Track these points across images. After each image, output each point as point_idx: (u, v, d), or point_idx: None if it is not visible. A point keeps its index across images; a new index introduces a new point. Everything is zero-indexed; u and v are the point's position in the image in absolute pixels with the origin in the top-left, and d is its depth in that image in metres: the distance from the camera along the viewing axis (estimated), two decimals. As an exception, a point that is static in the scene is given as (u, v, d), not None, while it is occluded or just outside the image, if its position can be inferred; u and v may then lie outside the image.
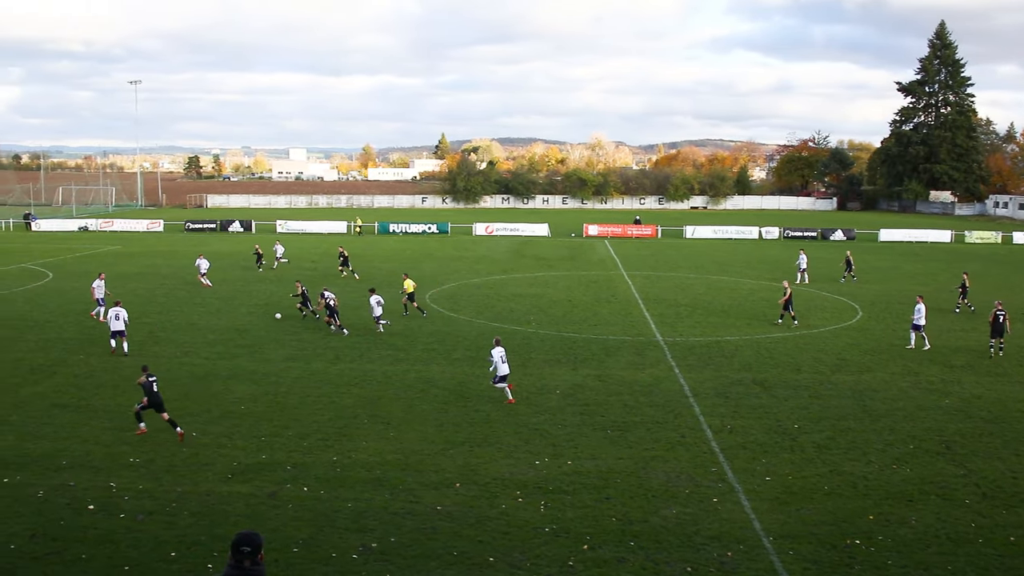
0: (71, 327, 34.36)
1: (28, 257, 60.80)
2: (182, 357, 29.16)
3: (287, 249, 59.05)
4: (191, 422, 21.79)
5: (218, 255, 62.08)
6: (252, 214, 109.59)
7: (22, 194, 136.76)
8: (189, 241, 75.52)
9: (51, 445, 20.11)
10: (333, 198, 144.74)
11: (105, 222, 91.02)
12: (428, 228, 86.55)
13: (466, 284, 47.65)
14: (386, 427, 21.56)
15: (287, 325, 34.74)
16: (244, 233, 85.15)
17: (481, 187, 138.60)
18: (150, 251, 66.18)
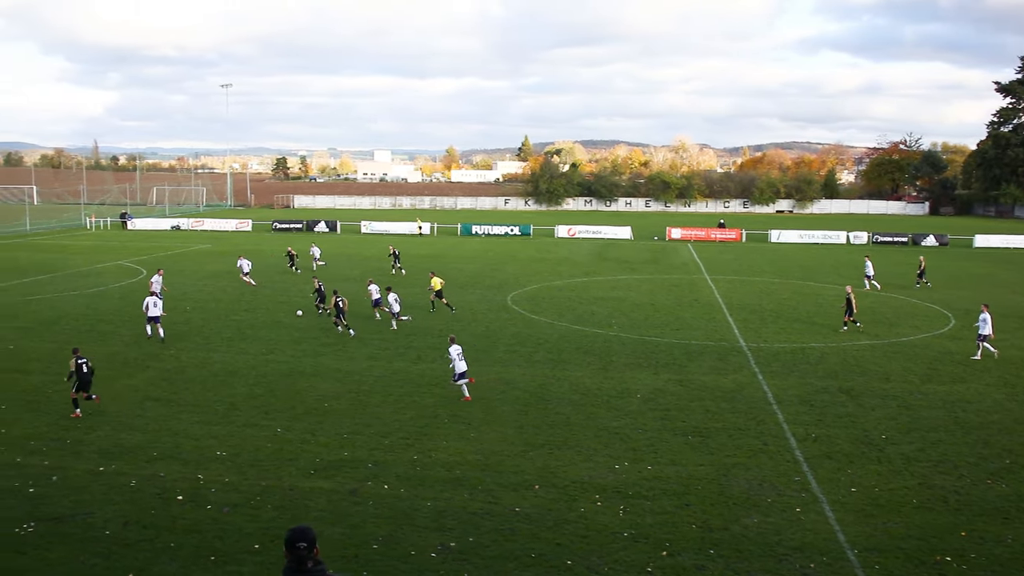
0: (163, 322, 35.45)
1: (123, 255, 63.09)
2: (267, 354, 29.88)
3: (323, 251, 58.92)
4: (276, 418, 22.33)
5: (304, 255, 63.42)
6: (337, 215, 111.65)
7: (119, 194, 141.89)
8: (276, 241, 77.29)
9: (143, 437, 20.84)
10: (417, 199, 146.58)
11: (196, 221, 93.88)
12: (510, 230, 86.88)
13: (548, 286, 47.69)
14: (466, 427, 21.72)
15: (368, 325, 35.28)
16: (329, 233, 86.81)
17: (564, 189, 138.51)
18: (238, 250, 67.81)
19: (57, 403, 23.60)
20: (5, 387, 25.26)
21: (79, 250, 66.44)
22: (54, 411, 22.86)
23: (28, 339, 32.07)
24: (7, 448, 19.92)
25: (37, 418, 22.27)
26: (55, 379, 26.19)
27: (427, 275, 51.42)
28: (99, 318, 36.44)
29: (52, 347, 30.77)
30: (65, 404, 23.26)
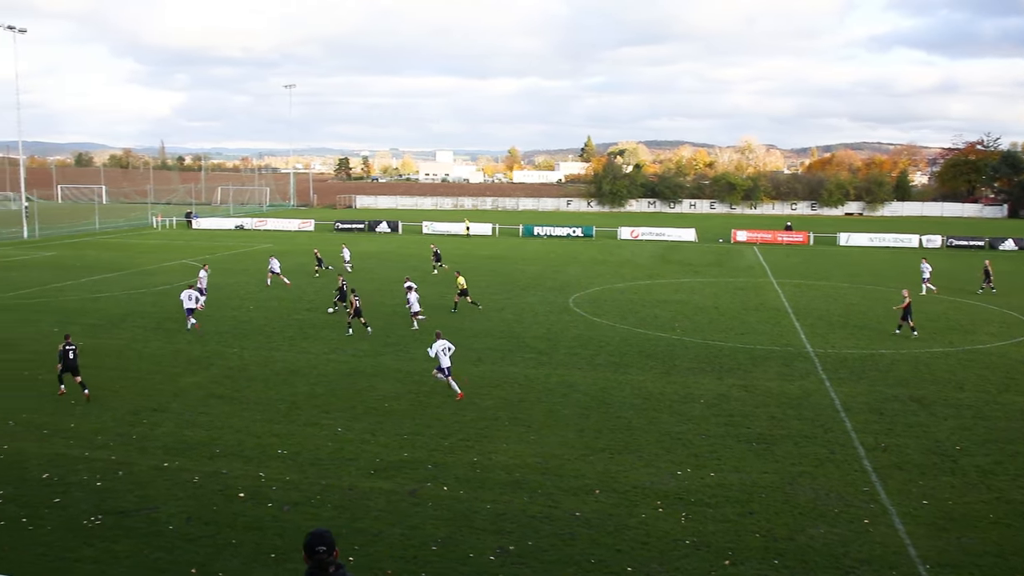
0: (226, 321, 36.21)
1: (188, 253, 64.50)
2: (329, 354, 30.25)
3: (352, 252, 58.91)
4: (337, 417, 22.60)
5: (365, 255, 64.15)
6: (399, 215, 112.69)
7: (184, 194, 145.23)
8: (338, 241, 78.31)
9: (206, 434, 21.26)
10: (478, 200, 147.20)
11: (259, 221, 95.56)
12: (572, 231, 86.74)
13: (610, 289, 47.50)
14: (527, 430, 21.72)
15: (431, 325, 35.49)
16: (391, 234, 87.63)
17: (627, 190, 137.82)
18: (300, 250, 68.91)
19: (124, 399, 24.23)
20: (75, 383, 25.96)
21: (145, 249, 68.12)
22: (121, 407, 23.46)
23: (97, 336, 32.96)
24: (76, 442, 20.50)
25: (104, 413, 22.88)
26: (123, 374, 26.90)
27: (488, 276, 51.72)
28: (165, 316, 37.30)
29: (120, 344, 31.58)
30: (132, 400, 23.96)
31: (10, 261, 58.98)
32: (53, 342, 31.56)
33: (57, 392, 24.67)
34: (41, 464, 19.00)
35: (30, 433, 21.18)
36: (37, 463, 19.06)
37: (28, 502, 16.83)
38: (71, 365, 24.51)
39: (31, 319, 36.56)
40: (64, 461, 19.21)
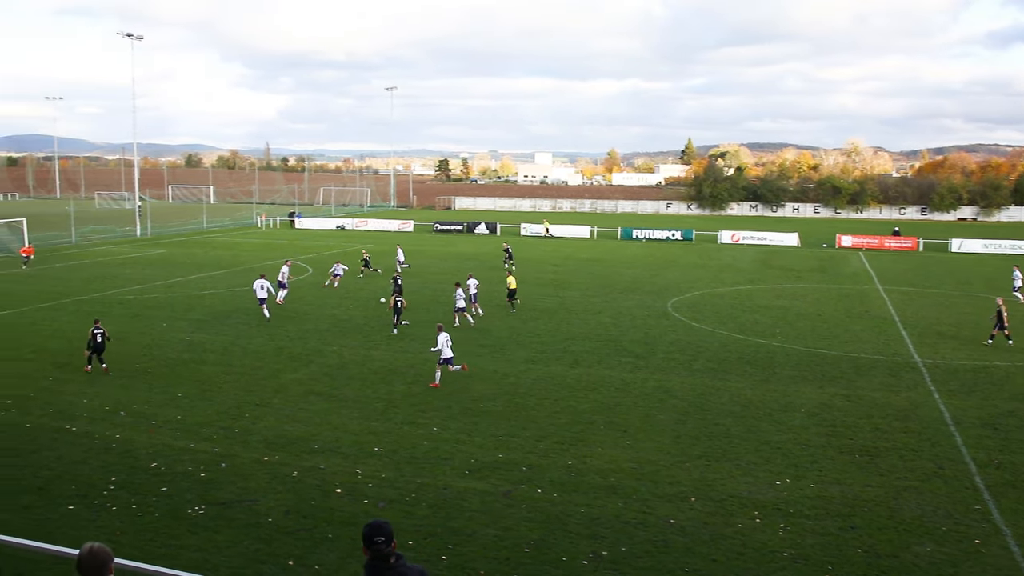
0: (327, 319, 37.07)
1: (292, 252, 66.23)
2: (426, 353, 30.61)
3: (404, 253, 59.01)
4: (432, 417, 22.90)
5: (464, 256, 64.81)
6: (498, 217, 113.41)
7: (288, 194, 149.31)
8: (437, 242, 79.27)
9: (305, 429, 21.81)
10: (577, 202, 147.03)
11: (360, 221, 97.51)
12: (672, 234, 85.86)
13: (709, 293, 46.85)
14: (622, 435, 21.61)
15: (528, 327, 35.65)
16: (490, 235, 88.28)
17: (728, 193, 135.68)
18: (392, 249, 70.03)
19: (229, 393, 25.06)
20: (183, 376, 27.03)
21: (250, 247, 70.26)
22: (226, 400, 24.27)
23: (203, 331, 34.16)
24: (183, 434, 21.30)
25: (210, 406, 23.70)
26: (227, 370, 27.82)
27: (586, 279, 51.66)
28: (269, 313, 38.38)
29: (225, 340, 32.67)
30: (235, 395, 24.80)
31: (124, 258, 61.64)
32: (164, 337, 32.91)
33: (84, 369, 27.56)
34: (150, 454, 19.80)
35: (140, 424, 22.10)
36: (146, 453, 19.87)
37: (138, 490, 17.56)
38: (98, 347, 27.34)
39: (142, 314, 38.14)
40: (171, 452, 19.98)
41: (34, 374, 27.22)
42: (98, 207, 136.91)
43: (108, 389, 25.40)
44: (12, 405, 23.64)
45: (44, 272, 52.45)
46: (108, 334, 28.11)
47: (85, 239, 75.94)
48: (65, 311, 38.67)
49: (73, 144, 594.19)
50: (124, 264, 57.63)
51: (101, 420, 22.37)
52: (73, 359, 29.12)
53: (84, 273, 52.60)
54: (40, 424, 22.01)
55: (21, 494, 17.34)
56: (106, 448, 20.20)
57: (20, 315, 37.58)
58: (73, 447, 20.26)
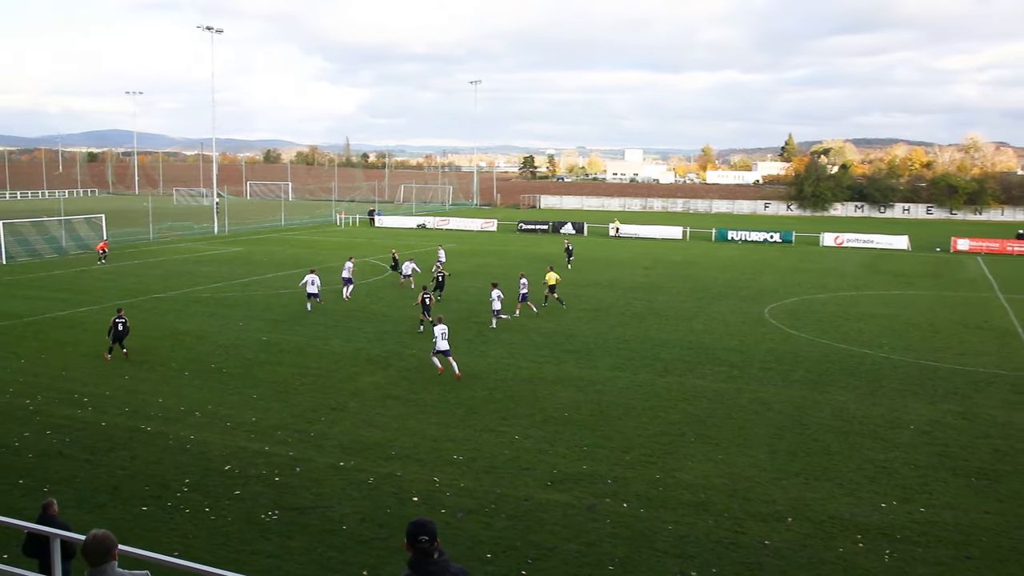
0: (406, 321, 37.49)
1: (371, 251, 67.25)
2: (508, 359, 30.76)
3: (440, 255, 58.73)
4: (514, 425, 22.95)
5: (549, 257, 64.81)
6: (584, 216, 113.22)
7: (368, 191, 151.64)
8: (521, 241, 79.51)
9: (382, 435, 22.09)
10: (668, 201, 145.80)
11: (441, 220, 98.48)
12: (770, 236, 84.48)
13: (809, 299, 45.93)
14: (714, 448, 21.33)
15: (615, 333, 35.49)
16: (576, 235, 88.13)
17: (831, 193, 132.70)
18: (482, 250, 70.53)
19: (304, 395, 25.55)
20: (259, 377, 27.67)
21: (329, 246, 71.56)
22: (301, 403, 24.75)
23: (279, 331, 34.90)
24: (258, 436, 21.79)
25: (285, 409, 24.20)
26: (303, 371, 28.37)
27: (678, 283, 51.19)
28: (346, 314, 39.03)
29: (301, 340, 33.32)
30: (311, 397, 25.31)
31: (201, 255, 63.44)
32: (240, 336, 33.75)
33: (104, 358, 29.66)
34: (224, 456, 20.31)
35: (215, 425, 22.69)
36: (220, 455, 20.39)
37: (211, 492, 18.03)
38: (119, 336, 29.73)
39: (219, 312, 39.17)
40: (245, 454, 20.46)
41: (111, 372, 28.20)
42: (176, 203, 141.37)
43: (183, 389, 26.16)
44: (89, 403, 24.53)
45: (121, 269, 54.29)
46: (129, 324, 30.59)
47: (163, 236, 78.39)
48: (142, 309, 39.94)
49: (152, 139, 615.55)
50: (201, 261, 59.30)
51: (176, 420, 23.04)
52: (149, 357, 30.07)
53: (161, 270, 54.29)
54: (116, 423, 22.79)
55: (96, 493, 17.98)
56: (181, 449, 20.80)
57: (99, 312, 38.96)
58: (148, 447, 20.93)
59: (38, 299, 42.19)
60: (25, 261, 58.74)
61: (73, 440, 21.38)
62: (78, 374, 27.94)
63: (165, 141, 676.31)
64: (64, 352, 31.04)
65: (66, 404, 24.45)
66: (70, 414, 23.50)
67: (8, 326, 35.57)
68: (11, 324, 35.96)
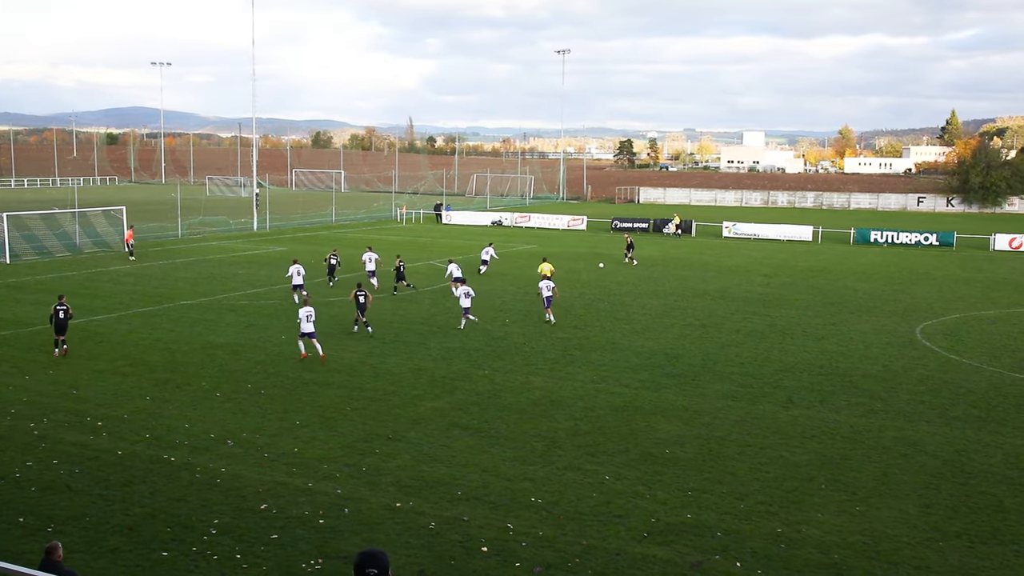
0: (477, 335, 37.66)
1: (435, 252, 67.80)
2: (598, 383, 30.67)
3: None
4: (605, 462, 22.84)
5: (648, 261, 64.56)
6: (692, 212, 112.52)
7: (434, 181, 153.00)
8: (616, 242, 79.29)
9: (447, 471, 22.18)
10: (796, 195, 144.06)
11: (521, 216, 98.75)
12: (924, 238, 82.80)
13: (976, 317, 44.88)
14: (851, 498, 20.94)
15: (728, 353, 35.15)
16: (682, 236, 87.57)
17: (1006, 184, 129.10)
18: (569, 253, 70.51)
19: (356, 422, 25.81)
20: (302, 399, 28.07)
21: (387, 245, 72.26)
22: (352, 432, 25.00)
23: (327, 346, 35.29)
24: (300, 470, 22.07)
25: (333, 439, 24.47)
26: (355, 393, 28.68)
27: (806, 294, 50.47)
28: (406, 326, 39.40)
29: (354, 357, 33.70)
30: (364, 425, 25.58)
31: (237, 256, 64.74)
32: (281, 351, 34.31)
33: (52, 353, 33.11)
34: (259, 493, 20.61)
35: (250, 456, 23.05)
36: (255, 491, 20.70)
37: (243, 536, 18.31)
38: (60, 326, 32.90)
39: (257, 323, 39.88)
40: (284, 491, 20.73)
41: (130, 392, 28.89)
42: (209, 194, 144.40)
43: (214, 413, 26.65)
44: (104, 428, 25.15)
45: (145, 271, 55.64)
46: (71, 311, 33.82)
47: (193, 232, 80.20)
48: (168, 317, 40.89)
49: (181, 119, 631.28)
50: (237, 263, 60.47)
51: (204, 450, 23.48)
52: (175, 375, 30.74)
53: (191, 272, 55.53)
54: (134, 451, 23.31)
55: (109, 535, 18.39)
56: (209, 484, 21.17)
57: (117, 320, 40.00)
58: (171, 481, 21.35)
59: (46, 305, 43.24)
60: (32, 260, 60.70)
61: (83, 471, 21.92)
62: (91, 393, 28.69)
63: (196, 121, 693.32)
64: (75, 367, 31.91)
65: (76, 428, 25.11)
66: (81, 440, 24.12)
67: (11, 336, 36.76)
68: (14, 334, 37.15)
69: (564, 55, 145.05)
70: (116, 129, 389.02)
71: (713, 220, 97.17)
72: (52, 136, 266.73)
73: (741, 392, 29.86)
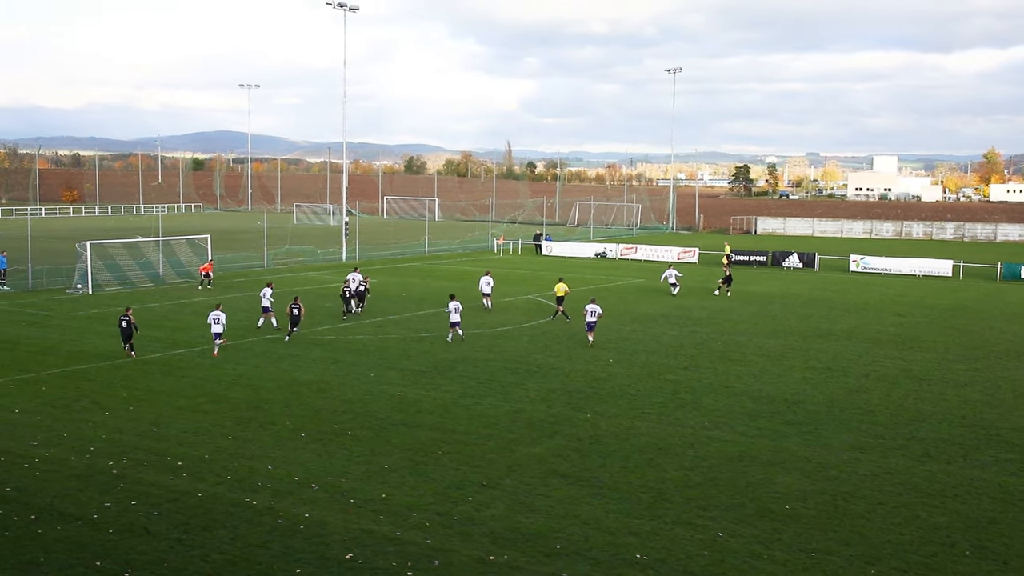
0: (578, 376, 37.54)
1: (534, 286, 67.84)
2: (711, 430, 30.30)
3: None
4: (718, 518, 22.52)
5: (765, 298, 63.73)
6: (816, 244, 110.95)
7: (534, 210, 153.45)
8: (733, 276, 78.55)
9: (545, 522, 22.06)
10: (934, 226, 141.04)
11: (627, 248, 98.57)
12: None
13: None
14: (1000, 568, 20.31)
15: (855, 400, 34.51)
16: (803, 270, 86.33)
17: None
18: (682, 288, 70.01)
19: (447, 467, 25.86)
20: (392, 442, 28.23)
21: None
22: (444, 478, 25.05)
23: (419, 385, 35.55)
24: (387, 518, 22.15)
25: (423, 484, 24.54)
26: (447, 437, 28.77)
27: (945, 336, 49.34)
28: (503, 364, 39.45)
29: (446, 397, 33.84)
30: (456, 471, 25.68)
31: (325, 288, 65.53)
32: (370, 390, 34.63)
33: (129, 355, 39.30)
34: (344, 542, 20.73)
35: (335, 502, 23.22)
36: (340, 540, 20.82)
37: (327, 587, 18.39)
38: (128, 334, 39.30)
39: (345, 359, 40.30)
40: (371, 540, 20.82)
41: (211, 430, 29.39)
42: (296, 222, 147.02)
43: (298, 455, 26.94)
44: (183, 468, 25.60)
45: (230, 302, 56.56)
46: (135, 322, 39.83)
47: (280, 262, 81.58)
48: (251, 352, 41.56)
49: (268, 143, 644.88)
50: (325, 295, 61.18)
51: (288, 494, 23.72)
52: (258, 413, 31.19)
53: (276, 304, 56.40)
54: (215, 494, 23.65)
55: (188, 581, 18.64)
56: (292, 530, 21.37)
57: (200, 355, 40.77)
58: (252, 526, 21.60)
59: (128, 337, 44.48)
60: (114, 291, 62.33)
61: (162, 514, 22.31)
62: (172, 431, 29.26)
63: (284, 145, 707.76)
64: (156, 403, 32.61)
65: (156, 468, 25.61)
66: (160, 481, 24.59)
67: (90, 370, 37.73)
68: (94, 368, 38.13)
69: (675, 74, 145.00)
70: (202, 154, 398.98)
71: (839, 253, 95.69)
72: (137, 161, 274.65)
73: (871, 443, 29.25)
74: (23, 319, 50.37)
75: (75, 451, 27.04)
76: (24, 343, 43.31)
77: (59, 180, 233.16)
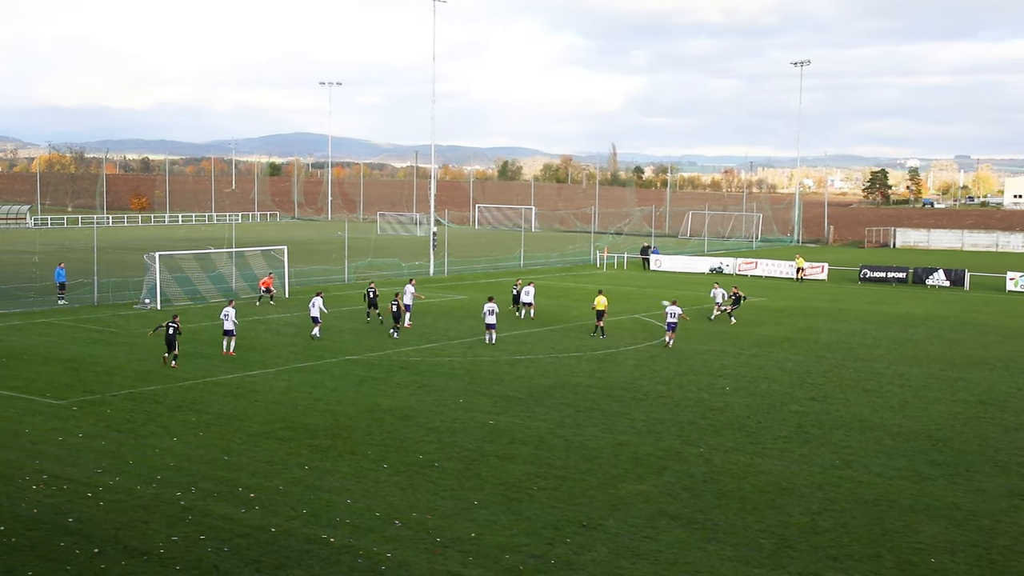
0: (690, 406, 37.24)
1: (642, 305, 67.49)
2: (842, 469, 29.84)
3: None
4: (849, 568, 22.15)
5: (910, 320, 62.68)
6: (965, 260, 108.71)
7: (641, 220, 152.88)
8: (864, 297, 77.48)
9: (652, 569, 21.88)
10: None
11: (746, 263, 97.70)
12: None
13: None
14: None
15: (1014, 440, 33.79)
16: (951, 288, 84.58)
17: None
18: (808, 308, 69.17)
19: (544, 505, 25.79)
20: (483, 476, 28.26)
21: (584, 295, 72.42)
22: (539, 516, 24.99)
23: (512, 412, 35.55)
24: (477, 560, 22.14)
25: (516, 523, 24.50)
26: (543, 471, 28.72)
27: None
28: (606, 391, 39.30)
29: (543, 427, 33.79)
30: (553, 509, 25.61)
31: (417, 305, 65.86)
32: (459, 418, 34.77)
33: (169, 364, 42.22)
34: (430, 585, 20.77)
35: (419, 540, 23.26)
36: (425, 583, 20.87)
37: (411, 636, 18.43)
38: (171, 342, 42.34)
39: (432, 383, 40.47)
40: (460, 585, 20.83)
41: (286, 459, 29.68)
42: (380, 232, 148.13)
43: (380, 488, 27.07)
44: (255, 500, 25.88)
45: (307, 320, 57.13)
46: (180, 328, 43.35)
47: (361, 276, 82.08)
48: (330, 374, 41.93)
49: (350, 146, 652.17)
50: (411, 313, 61.54)
51: (368, 531, 23.84)
52: (337, 442, 31.44)
53: (357, 323, 56.86)
54: (289, 529, 23.86)
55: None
56: (373, 571, 21.46)
57: (275, 376, 41.26)
58: (329, 565, 21.73)
59: (197, 357, 45.17)
60: (184, 305, 63.44)
61: (233, 550, 22.56)
62: (244, 460, 29.64)
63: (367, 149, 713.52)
64: (227, 429, 33.07)
65: (226, 500, 25.92)
66: (231, 514, 24.88)
67: (158, 392, 38.39)
68: (162, 390, 38.78)
69: (801, 67, 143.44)
70: (279, 158, 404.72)
71: (993, 270, 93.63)
72: (209, 166, 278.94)
73: (1029, 487, 28.57)
74: (88, 336, 51.51)
75: (141, 480, 27.51)
76: (88, 362, 44.25)
77: (127, 186, 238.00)
